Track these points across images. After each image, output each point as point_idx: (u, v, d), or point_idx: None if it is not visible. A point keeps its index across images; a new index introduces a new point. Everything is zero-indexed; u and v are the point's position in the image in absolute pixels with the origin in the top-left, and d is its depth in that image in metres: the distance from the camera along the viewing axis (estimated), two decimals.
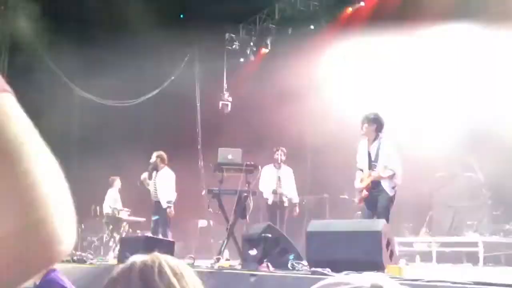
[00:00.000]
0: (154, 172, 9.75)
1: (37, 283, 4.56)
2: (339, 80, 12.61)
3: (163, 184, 9.65)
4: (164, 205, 9.53)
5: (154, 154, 9.82)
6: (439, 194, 10.17)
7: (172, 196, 9.67)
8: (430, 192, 10.21)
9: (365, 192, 6.78)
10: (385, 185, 6.72)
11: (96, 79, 13.06)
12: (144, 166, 13.29)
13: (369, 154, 6.91)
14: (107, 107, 13.54)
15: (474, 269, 7.93)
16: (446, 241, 9.31)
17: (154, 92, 14.31)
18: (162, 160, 9.73)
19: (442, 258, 9.03)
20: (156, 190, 9.66)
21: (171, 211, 9.62)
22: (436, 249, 9.09)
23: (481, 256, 8.37)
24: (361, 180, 6.95)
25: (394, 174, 6.64)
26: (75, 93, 13.53)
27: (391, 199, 6.71)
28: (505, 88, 9.67)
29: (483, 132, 9.93)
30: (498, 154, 9.54)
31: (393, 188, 6.72)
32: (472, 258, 8.49)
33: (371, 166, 6.84)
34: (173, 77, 14.37)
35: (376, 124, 6.87)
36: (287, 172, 10.05)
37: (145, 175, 9.69)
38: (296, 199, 10.19)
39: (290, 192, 10.02)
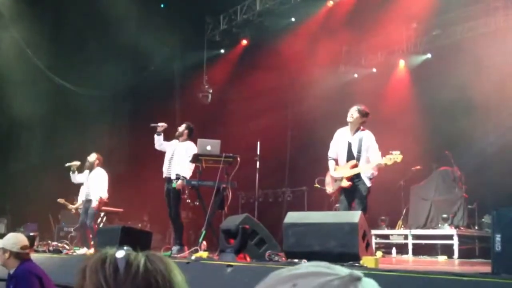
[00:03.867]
0: (88, 172, 9.84)
1: (11, 272, 4.52)
2: (319, 72, 12.65)
3: (96, 182, 9.73)
4: (94, 202, 9.59)
5: (93, 155, 9.87)
6: (415, 188, 10.28)
7: (103, 193, 9.71)
8: (407, 186, 10.32)
9: (347, 183, 6.75)
10: (364, 177, 6.73)
11: (73, 67, 12.91)
12: (121, 156, 13.23)
13: (350, 144, 6.87)
14: (83, 96, 13.40)
15: (449, 261, 8.05)
16: (422, 234, 9.44)
17: (133, 82, 14.19)
18: (99, 162, 9.87)
19: (418, 250, 9.16)
20: (89, 188, 9.75)
21: (96, 205, 9.64)
22: (412, 242, 9.20)
23: (456, 248, 8.51)
24: (335, 169, 6.93)
25: (377, 165, 6.67)
26: (52, 81, 13.33)
27: (369, 190, 6.74)
28: (481, 86, 9.81)
29: (460, 127, 10.07)
30: (474, 149, 9.70)
31: (370, 179, 6.75)
32: (447, 251, 8.63)
33: (353, 156, 6.80)
34: (152, 67, 14.28)
35: (365, 118, 6.87)
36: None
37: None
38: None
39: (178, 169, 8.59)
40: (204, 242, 7.70)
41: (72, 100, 13.21)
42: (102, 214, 10.68)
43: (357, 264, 4.70)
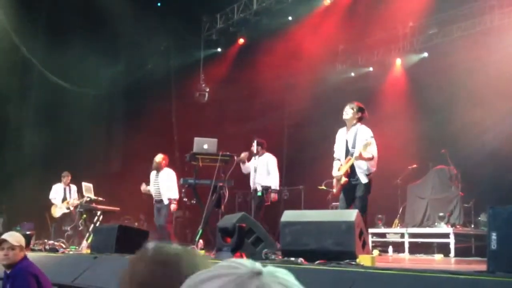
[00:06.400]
0: (155, 172, 9.74)
1: (8, 272, 4.51)
2: (316, 70, 12.65)
3: (165, 183, 9.64)
4: (166, 201, 9.55)
5: (160, 156, 9.74)
6: (412, 186, 10.30)
7: (175, 194, 9.62)
8: (403, 184, 10.33)
9: (344, 179, 6.73)
10: (360, 174, 6.71)
11: (69, 65, 12.87)
12: (117, 155, 13.18)
13: (346, 142, 6.88)
14: (79, 94, 13.36)
15: (446, 259, 8.06)
16: (418, 232, 9.45)
17: (129, 81, 14.17)
18: (166, 162, 9.76)
19: (415, 248, 9.18)
20: (158, 189, 9.67)
21: (175, 207, 9.66)
22: (408, 240, 9.22)
23: (452, 247, 8.53)
24: (339, 169, 6.92)
25: (372, 158, 6.62)
26: (48, 79, 13.30)
27: (367, 188, 6.71)
28: (477, 84, 9.83)
29: (456, 126, 10.10)
30: (470, 147, 9.71)
31: (367, 175, 6.72)
32: (444, 249, 8.64)
33: (349, 153, 6.81)
34: (149, 66, 14.26)
35: (361, 113, 6.87)
36: (263, 161, 9.23)
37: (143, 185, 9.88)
38: (273, 186, 9.14)
39: (264, 180, 9.05)
40: (201, 241, 7.70)
41: (68, 99, 13.18)
42: (98, 213, 10.66)
43: (353, 263, 4.71)
